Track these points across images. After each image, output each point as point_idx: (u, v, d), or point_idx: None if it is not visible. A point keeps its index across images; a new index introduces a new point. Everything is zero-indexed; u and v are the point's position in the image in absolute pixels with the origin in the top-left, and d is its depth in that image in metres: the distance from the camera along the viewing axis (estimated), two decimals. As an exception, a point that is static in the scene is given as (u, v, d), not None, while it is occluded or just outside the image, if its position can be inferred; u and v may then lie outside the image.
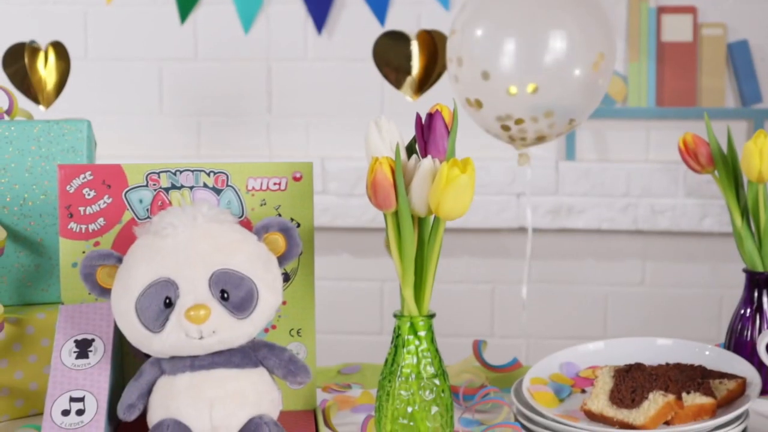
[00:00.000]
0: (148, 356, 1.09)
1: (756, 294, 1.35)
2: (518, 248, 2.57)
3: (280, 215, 1.19)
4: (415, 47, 2.06)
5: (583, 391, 1.25)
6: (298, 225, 1.19)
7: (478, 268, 2.62)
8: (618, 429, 1.13)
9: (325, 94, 2.61)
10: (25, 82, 1.97)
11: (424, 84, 2.05)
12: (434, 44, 2.10)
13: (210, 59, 2.63)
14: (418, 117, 1.09)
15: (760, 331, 1.33)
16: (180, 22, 2.57)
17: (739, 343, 1.35)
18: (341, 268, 2.61)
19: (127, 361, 1.18)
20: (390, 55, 2.09)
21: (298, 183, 1.19)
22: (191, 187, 1.18)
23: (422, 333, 1.11)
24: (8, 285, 1.32)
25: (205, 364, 1.06)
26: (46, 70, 2.00)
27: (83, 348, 1.12)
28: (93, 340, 1.13)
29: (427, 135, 1.08)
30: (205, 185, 1.18)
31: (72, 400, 1.08)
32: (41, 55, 2.01)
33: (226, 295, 1.04)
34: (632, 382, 1.16)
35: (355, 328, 2.65)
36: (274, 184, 1.19)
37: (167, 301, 1.04)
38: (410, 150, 1.12)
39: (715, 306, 2.60)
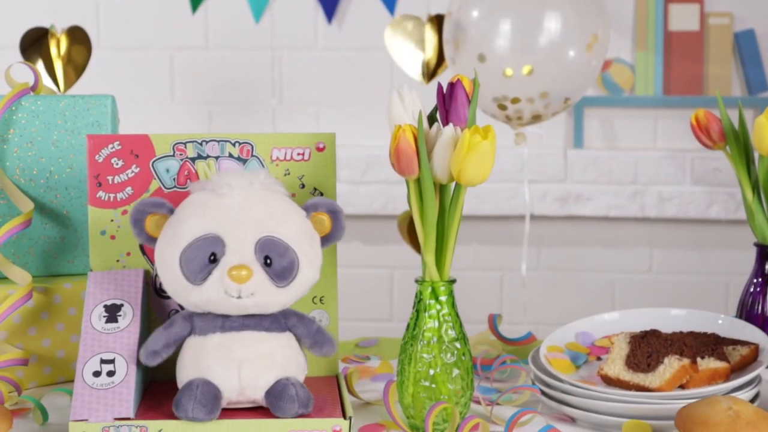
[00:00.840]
0: None
1: (767, 267, 1.37)
2: (523, 236, 2.60)
3: (303, 185, 1.21)
4: (428, 31, 2.09)
5: (599, 359, 1.28)
6: (321, 194, 1.22)
7: (487, 255, 2.64)
8: (634, 392, 1.15)
9: (335, 83, 2.63)
10: (45, 66, 2.00)
11: (437, 68, 2.08)
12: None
13: (221, 48, 2.65)
14: (440, 87, 1.12)
15: (770, 303, 1.35)
16: (191, 12, 2.59)
17: (750, 315, 1.37)
18: (352, 255, 2.64)
19: (153, 329, 1.21)
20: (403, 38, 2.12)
21: (322, 153, 1.22)
22: (217, 157, 1.21)
23: (443, 298, 1.14)
24: (35, 256, 1.35)
25: (235, 325, 1.09)
26: (63, 55, 2.02)
27: (112, 312, 1.14)
28: (122, 305, 1.15)
29: (449, 104, 1.10)
30: (230, 155, 1.21)
31: (103, 362, 1.10)
32: (58, 40, 2.04)
33: (269, 261, 1.07)
34: (648, 348, 1.19)
35: (365, 315, 2.67)
36: (298, 154, 1.21)
37: (212, 257, 1.07)
38: (430, 121, 1.14)
39: (722, 293, 2.62)
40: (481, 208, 2.57)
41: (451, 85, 1.10)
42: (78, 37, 2.08)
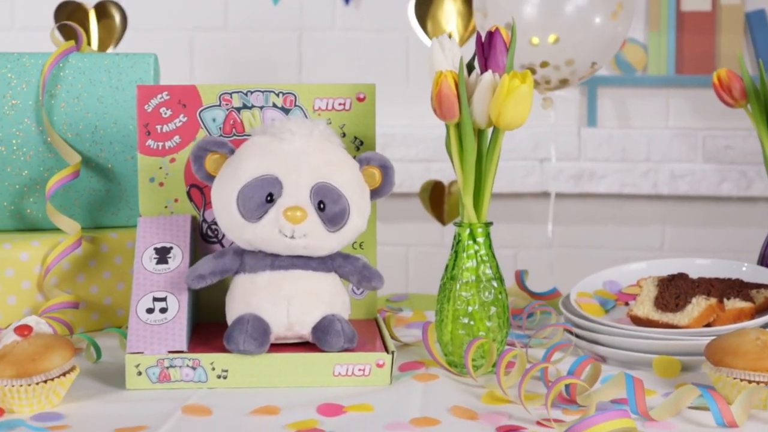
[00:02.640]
0: None
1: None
2: (542, 213, 2.64)
3: (344, 134, 1.26)
4: (449, 3, 2.13)
5: (627, 304, 1.32)
6: (362, 143, 1.27)
7: (502, 233, 2.68)
8: (664, 329, 1.20)
9: (353, 63, 2.68)
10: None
11: (462, 42, 2.12)
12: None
13: (240, 29, 2.70)
14: (479, 35, 1.16)
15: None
16: (211, -7, 2.64)
17: (772, 266, 1.42)
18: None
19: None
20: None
21: (362, 103, 1.26)
22: (261, 107, 1.25)
23: (480, 239, 1.18)
24: (81, 208, 1.40)
25: (284, 264, 1.14)
26: (95, 28, 2.08)
27: (162, 255, 1.19)
28: (171, 247, 1.20)
29: (488, 51, 1.15)
30: (274, 105, 1.25)
31: (155, 299, 1.15)
32: (88, 14, 2.09)
33: (322, 207, 1.12)
34: (676, 289, 1.24)
35: (380, 291, 2.71)
36: (339, 104, 1.26)
37: (269, 197, 1.12)
38: (468, 70, 1.19)
39: (733, 269, 2.66)
40: (496, 185, 2.61)
41: (490, 34, 1.15)
42: (107, 12, 2.12)
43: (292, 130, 1.14)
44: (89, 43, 2.03)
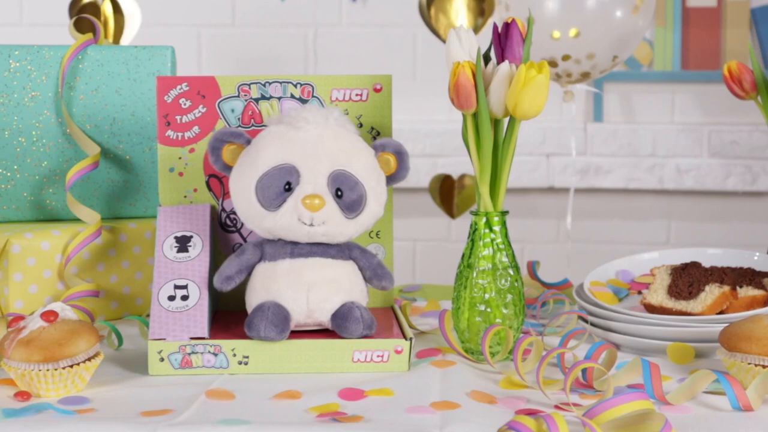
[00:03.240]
0: None
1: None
2: (548, 208, 2.66)
3: (361, 124, 1.28)
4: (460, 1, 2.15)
5: (639, 293, 1.34)
6: (378, 133, 1.28)
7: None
8: (678, 317, 1.22)
9: (360, 59, 2.69)
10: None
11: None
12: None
13: (247, 25, 2.71)
14: (495, 27, 1.18)
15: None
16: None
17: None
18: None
19: (219, 260, 1.27)
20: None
21: (379, 94, 1.28)
22: (279, 98, 1.27)
23: (497, 228, 1.20)
24: (99, 199, 1.41)
25: (303, 252, 1.16)
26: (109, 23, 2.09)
27: (183, 243, 1.21)
28: (191, 236, 1.22)
29: (504, 42, 1.17)
30: (292, 96, 1.27)
31: (176, 287, 1.17)
32: (103, 8, 2.10)
33: (340, 194, 1.14)
34: (689, 278, 1.25)
35: (390, 284, 2.73)
36: (356, 95, 1.28)
37: (287, 185, 1.13)
38: (485, 60, 1.20)
39: (739, 263, 2.67)
40: (502, 180, 2.62)
41: (506, 25, 1.17)
42: (118, 8, 2.14)
43: (307, 119, 1.16)
44: (106, 36, 2.04)
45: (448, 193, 2.38)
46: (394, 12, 2.61)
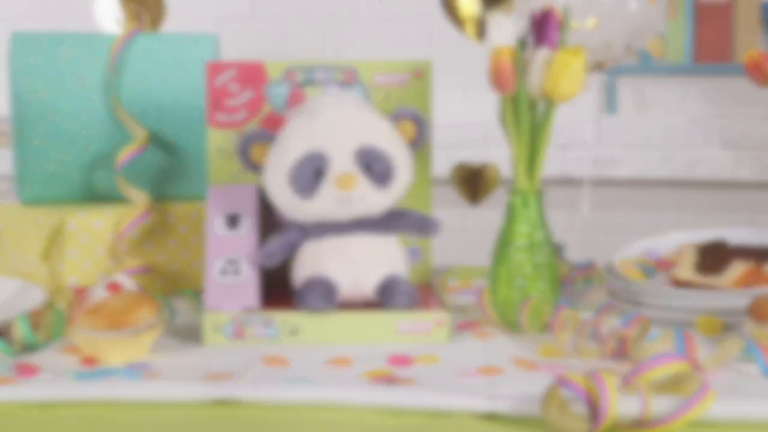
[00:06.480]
0: None
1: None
2: (560, 199, 2.72)
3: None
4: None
5: (666, 271, 1.40)
6: (418, 117, 1.34)
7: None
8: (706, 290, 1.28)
9: (377, 52, 2.75)
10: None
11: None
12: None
13: (267, 18, 2.77)
14: (533, 13, 1.24)
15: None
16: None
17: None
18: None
19: (266, 238, 1.33)
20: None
21: (419, 79, 1.34)
22: (324, 83, 1.33)
23: (533, 206, 1.26)
24: (147, 181, 1.47)
25: (346, 229, 1.22)
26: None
27: (232, 221, 1.27)
28: (240, 215, 1.28)
29: (542, 29, 1.23)
30: (336, 81, 1.33)
31: (228, 262, 1.22)
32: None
33: (369, 168, 1.20)
34: (716, 255, 1.31)
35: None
36: (398, 80, 1.34)
37: (318, 171, 1.19)
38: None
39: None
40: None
41: (544, 13, 1.22)
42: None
43: (324, 103, 1.22)
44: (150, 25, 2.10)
45: (471, 181, 2.43)
46: (411, 6, 2.66)
